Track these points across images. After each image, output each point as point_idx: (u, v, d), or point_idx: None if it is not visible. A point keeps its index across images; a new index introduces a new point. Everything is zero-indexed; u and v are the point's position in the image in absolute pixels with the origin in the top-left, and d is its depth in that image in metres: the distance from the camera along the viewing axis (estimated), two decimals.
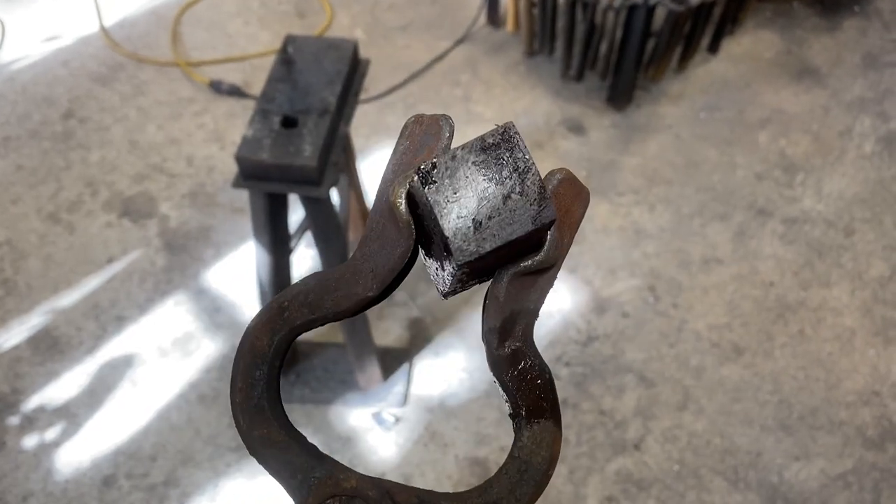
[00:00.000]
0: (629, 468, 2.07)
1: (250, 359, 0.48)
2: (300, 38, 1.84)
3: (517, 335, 0.47)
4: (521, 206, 0.42)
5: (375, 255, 0.46)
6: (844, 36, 3.26)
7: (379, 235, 0.46)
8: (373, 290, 0.46)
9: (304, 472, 0.47)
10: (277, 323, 0.48)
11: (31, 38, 3.31)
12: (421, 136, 0.46)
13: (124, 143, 2.88)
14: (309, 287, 0.48)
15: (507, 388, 0.47)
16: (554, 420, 0.48)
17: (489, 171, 0.42)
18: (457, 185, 0.42)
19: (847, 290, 2.43)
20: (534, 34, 3.07)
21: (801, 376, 2.24)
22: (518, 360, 0.47)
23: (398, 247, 0.44)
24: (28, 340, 2.34)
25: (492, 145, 0.42)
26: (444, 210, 0.42)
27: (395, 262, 0.45)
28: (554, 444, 0.48)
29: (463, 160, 0.42)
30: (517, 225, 0.42)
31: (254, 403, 0.48)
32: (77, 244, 2.57)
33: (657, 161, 2.78)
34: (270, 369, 0.48)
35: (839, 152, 2.81)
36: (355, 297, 0.47)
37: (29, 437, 2.15)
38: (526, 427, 0.48)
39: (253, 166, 1.60)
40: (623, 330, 2.34)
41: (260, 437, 0.48)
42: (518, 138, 0.42)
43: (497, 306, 0.45)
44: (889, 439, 2.12)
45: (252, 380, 0.48)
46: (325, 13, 3.39)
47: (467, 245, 0.42)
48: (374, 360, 2.12)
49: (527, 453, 0.48)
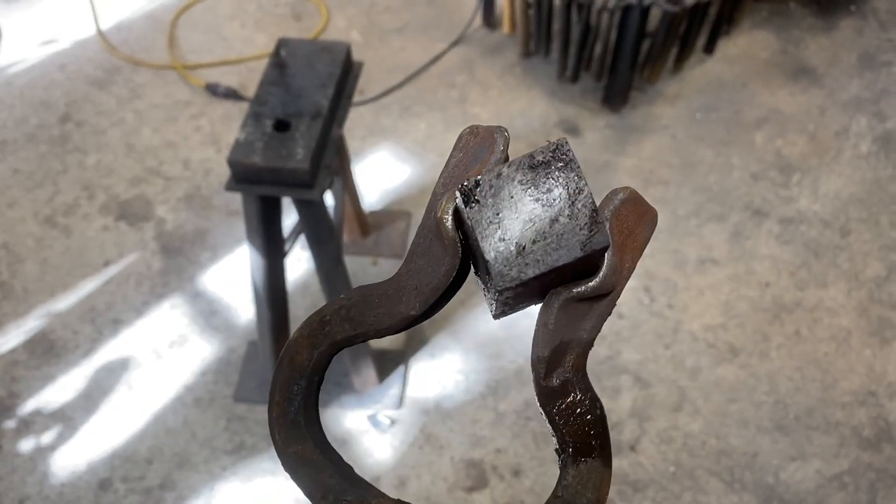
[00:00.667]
0: (625, 469, 2.07)
1: (289, 373, 0.47)
2: (293, 41, 1.84)
3: (567, 366, 0.44)
4: (569, 230, 0.40)
5: (421, 271, 0.44)
6: (841, 35, 3.26)
7: (425, 252, 0.44)
8: (415, 308, 0.45)
9: (336, 493, 0.46)
10: (318, 337, 0.47)
11: (28, 41, 3.32)
12: (475, 148, 0.44)
13: (121, 147, 2.88)
14: (352, 301, 0.47)
15: (554, 422, 0.45)
16: (603, 459, 0.45)
17: (536, 192, 0.40)
18: (500, 205, 0.40)
19: (843, 291, 2.43)
20: (530, 36, 3.07)
21: (797, 377, 2.24)
22: (567, 393, 0.45)
23: (443, 265, 0.43)
24: (24, 344, 2.34)
25: (541, 163, 0.40)
26: (486, 232, 0.40)
27: (440, 280, 0.43)
28: (602, 485, 0.45)
29: (508, 178, 0.40)
30: (564, 251, 0.40)
31: (290, 419, 0.47)
32: (73, 247, 2.57)
33: (653, 162, 2.78)
34: (309, 384, 0.47)
35: (835, 152, 2.81)
36: (398, 314, 0.45)
37: (25, 440, 2.15)
38: (572, 465, 0.45)
39: (245, 170, 1.61)
40: (619, 331, 2.34)
41: (294, 454, 0.47)
42: (571, 156, 0.40)
43: (546, 334, 0.43)
44: (885, 439, 2.12)
45: (290, 394, 0.47)
46: (321, 16, 3.39)
47: (508, 270, 0.40)
48: (369, 362, 2.12)
49: (571, 494, 0.45)
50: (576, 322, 0.44)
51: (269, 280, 1.91)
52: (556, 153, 0.40)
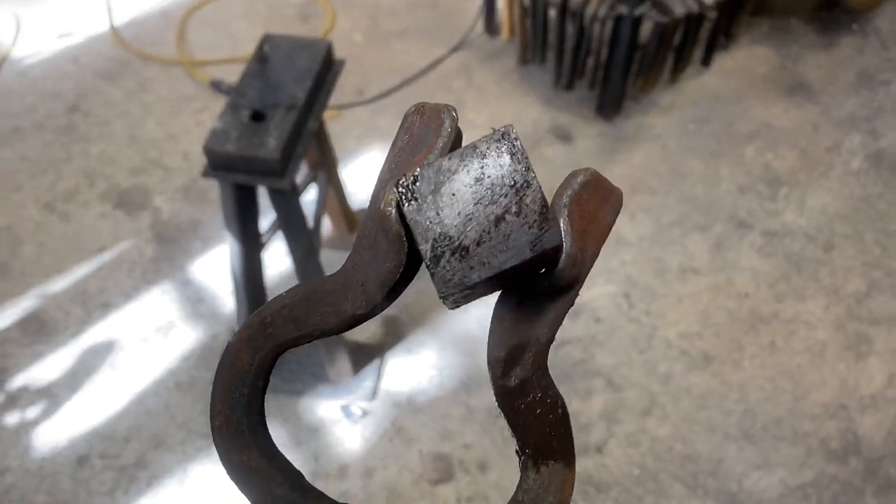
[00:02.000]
0: (589, 470, 2.10)
1: (229, 379, 0.44)
2: (277, 37, 1.90)
3: (526, 364, 0.41)
4: (516, 228, 0.36)
5: (367, 266, 0.41)
6: (841, 53, 3.26)
7: (371, 245, 0.40)
8: (362, 307, 0.41)
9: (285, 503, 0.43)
10: (259, 340, 0.44)
11: (44, 34, 3.43)
12: (420, 129, 0.40)
13: (124, 138, 2.97)
14: (294, 301, 0.43)
15: (514, 422, 0.42)
16: (565, 461, 0.42)
17: (480, 187, 0.36)
18: (440, 202, 0.37)
19: (822, 305, 2.43)
20: (527, 43, 3.12)
21: (768, 387, 2.25)
22: (526, 393, 0.41)
23: (388, 261, 0.39)
24: (18, 322, 2.42)
25: (485, 154, 0.36)
26: (427, 233, 0.37)
27: (385, 277, 0.39)
28: (563, 488, 0.42)
29: (449, 173, 0.37)
30: (512, 252, 0.36)
31: (234, 427, 0.44)
32: (71, 232, 2.66)
33: (641, 170, 2.81)
34: (252, 390, 0.44)
35: (825, 168, 2.82)
36: (344, 313, 0.42)
37: (11, 414, 2.23)
38: (533, 468, 0.42)
39: (220, 157, 1.67)
40: (595, 335, 2.37)
41: (240, 464, 0.44)
42: (518, 145, 0.37)
43: (502, 331, 0.41)
44: (852, 453, 2.12)
45: (232, 401, 0.44)
46: (327, 17, 3.47)
47: (451, 276, 0.37)
48: (343, 353, 2.17)
49: (531, 498, 0.42)
50: (534, 317, 0.40)
51: (245, 267, 1.97)
52: (501, 142, 0.36)
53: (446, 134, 0.39)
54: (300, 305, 0.43)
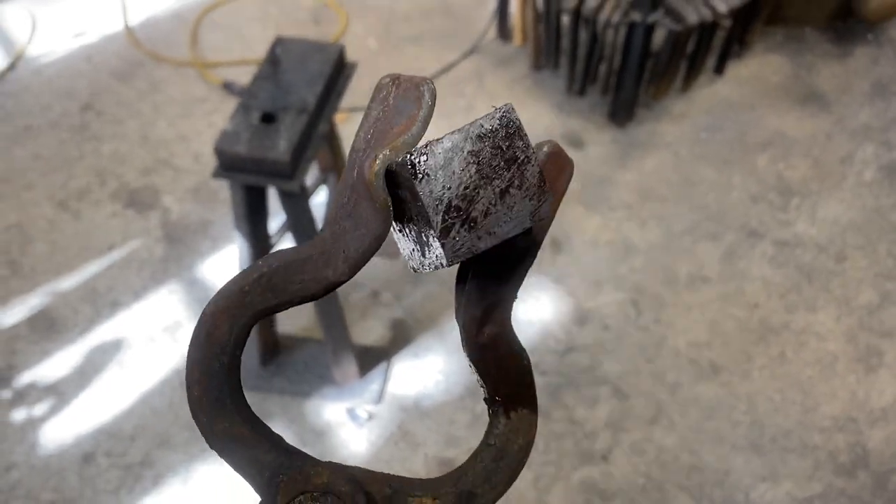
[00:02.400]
0: (595, 478, 2.08)
1: (208, 348, 0.44)
2: (289, 39, 1.91)
3: (496, 320, 0.44)
4: (519, 200, 0.39)
5: (347, 234, 0.42)
6: (855, 63, 3.24)
7: (350, 213, 0.41)
8: (345, 274, 0.42)
9: (272, 468, 0.44)
10: (238, 308, 0.44)
11: (60, 33, 3.45)
12: (398, 101, 0.41)
13: (136, 137, 2.98)
14: (272, 269, 0.44)
15: (485, 373, 0.45)
16: (531, 407, 0.46)
17: (486, 162, 0.38)
18: (450, 177, 0.38)
19: (833, 316, 2.41)
20: (540, 49, 3.12)
21: (777, 398, 2.23)
22: (497, 346, 0.45)
23: (373, 229, 0.40)
24: (27, 319, 2.43)
25: (489, 132, 0.39)
26: (438, 206, 0.38)
27: (370, 245, 0.41)
28: (530, 430, 0.46)
29: (457, 149, 0.38)
30: (515, 222, 0.39)
31: (214, 396, 0.44)
32: (82, 231, 2.67)
33: (653, 178, 2.79)
34: (231, 359, 0.45)
35: (838, 178, 2.80)
36: (324, 280, 0.43)
37: (18, 411, 2.23)
38: (502, 414, 0.46)
39: (230, 158, 1.67)
40: (602, 342, 2.36)
41: (222, 432, 0.45)
42: (518, 123, 0.39)
43: (474, 292, 0.43)
44: (861, 466, 2.10)
45: (211, 371, 0.44)
46: (340, 22, 3.48)
47: (461, 244, 0.39)
48: (350, 356, 2.17)
49: (503, 441, 0.46)
50: (501, 279, 0.43)
51: None
52: (503, 120, 0.39)
53: (427, 106, 0.40)
54: (278, 274, 0.43)
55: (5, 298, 2.48)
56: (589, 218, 2.66)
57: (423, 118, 0.40)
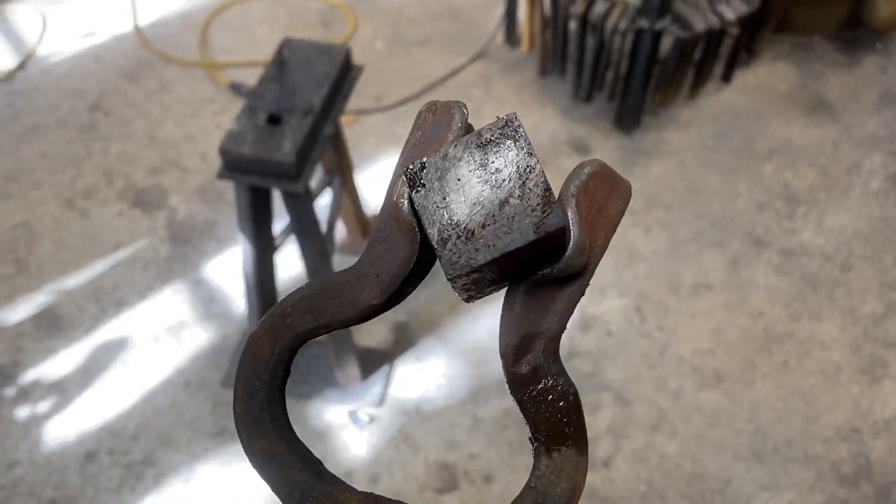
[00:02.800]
0: (595, 484, 2.08)
1: (251, 368, 0.46)
2: (296, 41, 1.92)
3: (537, 351, 0.42)
4: (520, 212, 0.37)
5: (381, 258, 0.42)
6: (863, 73, 3.23)
7: (385, 238, 0.42)
8: (377, 297, 0.42)
9: (303, 490, 0.45)
10: (280, 330, 0.45)
11: (69, 33, 3.48)
12: (433, 125, 0.42)
13: (144, 137, 3.00)
14: (313, 292, 0.45)
15: (526, 409, 0.43)
16: (577, 448, 0.43)
17: (485, 172, 0.38)
18: (447, 188, 0.38)
19: (838, 326, 2.40)
20: (547, 54, 3.12)
21: (780, 407, 2.22)
22: (538, 380, 0.42)
23: (401, 251, 0.41)
24: (33, 317, 2.45)
25: (489, 141, 0.38)
26: (434, 217, 0.38)
27: (399, 267, 0.41)
28: (577, 474, 0.43)
29: (455, 159, 0.38)
30: (516, 234, 0.37)
31: (255, 414, 0.45)
32: (88, 230, 2.68)
33: (658, 185, 2.79)
34: (272, 378, 0.45)
35: (845, 187, 2.79)
36: (360, 304, 0.43)
37: (22, 408, 2.24)
38: (545, 454, 0.43)
39: (235, 159, 1.68)
40: (605, 348, 2.35)
41: (259, 449, 0.45)
42: (521, 132, 0.38)
43: (513, 319, 0.42)
44: (864, 477, 2.09)
45: (253, 389, 0.45)
46: (348, 24, 3.49)
47: (457, 258, 0.38)
48: (352, 358, 2.17)
49: (545, 484, 0.43)
50: (545, 305, 0.41)
51: (258, 269, 1.97)
52: (504, 130, 0.38)
53: (456, 128, 0.40)
54: (318, 296, 0.44)
55: (11, 296, 2.50)
56: None
57: (452, 140, 0.40)
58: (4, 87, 3.22)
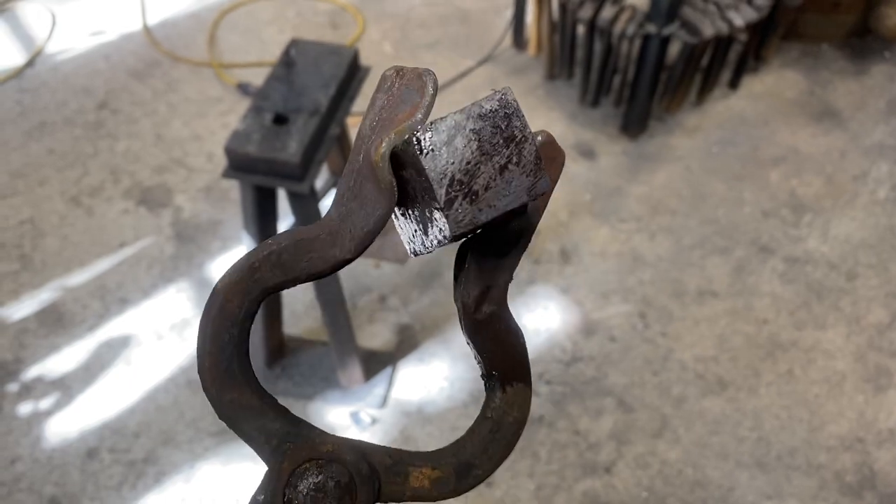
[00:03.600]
0: (597, 490, 2.07)
1: (220, 321, 0.46)
2: (304, 42, 1.92)
3: (494, 299, 0.47)
4: (517, 176, 0.41)
5: (353, 214, 0.44)
6: (871, 81, 3.23)
7: (356, 195, 0.44)
8: (350, 251, 0.44)
9: (279, 436, 0.46)
10: (248, 284, 0.46)
11: (79, 31, 3.49)
12: (402, 90, 0.44)
13: (150, 136, 3.00)
14: (282, 247, 0.46)
15: (482, 350, 0.47)
16: (525, 382, 0.48)
17: (486, 140, 0.41)
18: (453, 153, 0.41)
19: (842, 334, 2.39)
20: (555, 59, 3.12)
21: (783, 415, 2.21)
22: (494, 323, 0.47)
23: (378, 208, 0.42)
24: (36, 313, 2.45)
25: (489, 112, 0.41)
26: (443, 179, 0.41)
27: (374, 224, 0.43)
28: (525, 404, 0.48)
29: (459, 127, 0.41)
30: (513, 196, 0.41)
31: (224, 367, 0.46)
32: (93, 227, 2.69)
33: (664, 191, 2.79)
34: (241, 332, 0.46)
35: (851, 196, 2.78)
36: (332, 258, 0.45)
37: (24, 404, 2.25)
38: (499, 389, 0.48)
39: (241, 158, 1.68)
40: (608, 353, 2.35)
41: (231, 402, 0.46)
42: (516, 105, 0.41)
43: (478, 272, 0.46)
44: (867, 487, 2.08)
45: (222, 343, 0.46)
46: (357, 27, 3.49)
47: (463, 216, 0.41)
48: (355, 359, 2.17)
49: (499, 414, 0.48)
50: (498, 260, 0.46)
51: None
52: (501, 101, 0.41)
53: (429, 94, 0.43)
54: (287, 251, 0.46)
55: (16, 292, 2.50)
56: (598, 229, 2.65)
57: (426, 105, 0.42)
58: (13, 84, 3.24)
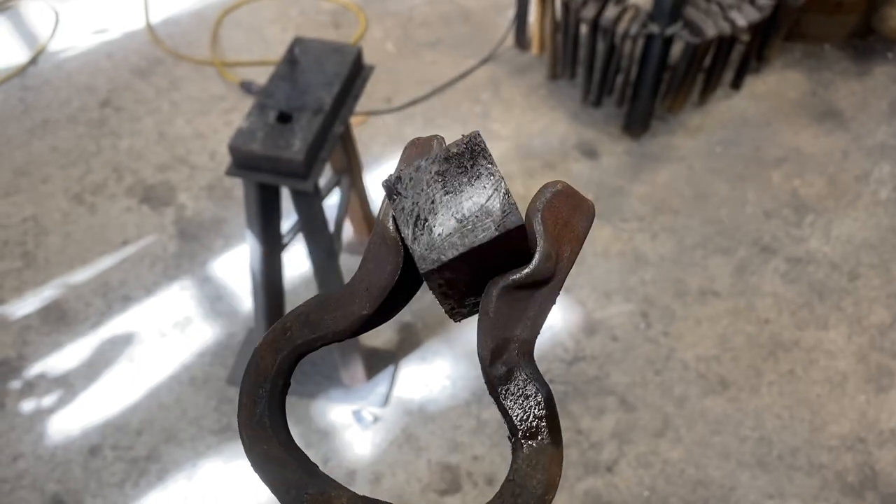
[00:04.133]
0: (598, 489, 2.07)
1: (254, 377, 0.49)
2: (308, 40, 1.92)
3: (512, 353, 0.45)
4: (484, 213, 0.42)
5: (371, 273, 0.47)
6: (874, 82, 3.23)
7: (375, 255, 0.46)
8: (366, 308, 0.46)
9: (298, 488, 0.48)
10: (281, 342, 0.49)
11: (82, 29, 3.49)
12: (416, 157, 0.46)
13: (153, 134, 3.01)
14: (310, 307, 0.49)
15: (503, 407, 0.46)
16: (552, 440, 0.45)
17: (452, 180, 0.42)
18: (419, 195, 0.43)
19: (844, 335, 2.39)
20: (557, 58, 3.12)
21: (785, 415, 2.21)
22: (512, 378, 0.45)
23: (388, 264, 0.45)
24: (39, 311, 2.46)
25: (455, 154, 0.43)
26: (408, 220, 0.43)
27: (386, 279, 0.45)
28: (551, 465, 0.45)
29: (426, 170, 0.43)
30: (479, 231, 0.42)
31: (256, 420, 0.49)
32: (96, 225, 2.69)
33: (666, 191, 2.79)
34: (273, 387, 0.49)
35: (853, 196, 2.78)
36: (352, 315, 0.47)
37: (27, 401, 2.25)
38: (521, 449, 0.45)
39: (244, 156, 1.68)
40: (611, 353, 2.35)
41: (260, 453, 0.49)
42: (482, 146, 0.43)
43: (487, 322, 0.45)
44: (869, 487, 2.08)
45: (255, 397, 0.49)
46: (359, 25, 3.50)
47: (429, 254, 0.42)
48: (357, 358, 2.17)
49: (522, 476, 0.45)
50: (518, 311, 0.44)
51: (265, 268, 1.98)
52: (469, 144, 0.43)
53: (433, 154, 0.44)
54: (315, 311, 0.49)
55: (18, 290, 2.51)
56: (600, 229, 2.65)
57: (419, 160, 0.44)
58: (16, 82, 3.24)
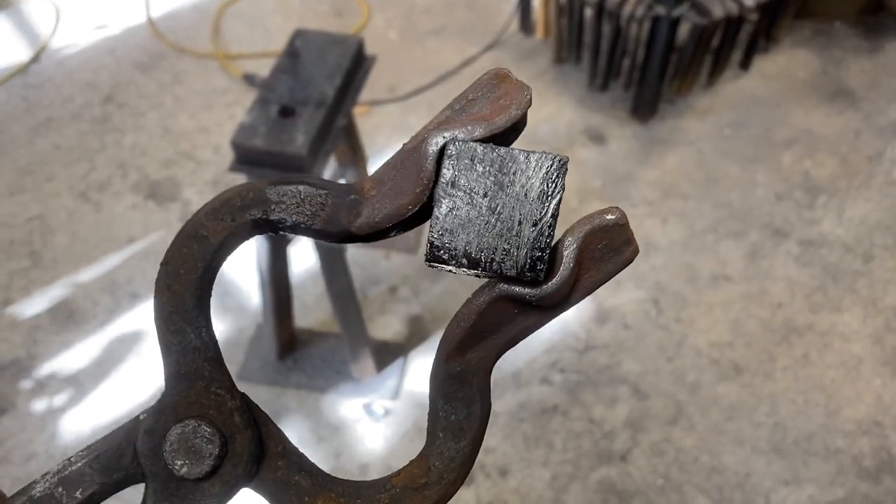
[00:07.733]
0: (613, 478, 2.06)
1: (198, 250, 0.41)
2: (309, 32, 1.90)
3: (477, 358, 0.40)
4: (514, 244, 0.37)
5: (384, 196, 0.40)
6: (885, 59, 3.17)
7: (394, 177, 0.40)
8: (361, 229, 0.40)
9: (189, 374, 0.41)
10: (254, 210, 0.41)
11: (83, 25, 3.47)
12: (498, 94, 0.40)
13: (157, 129, 2.99)
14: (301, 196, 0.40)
15: (439, 398, 0.42)
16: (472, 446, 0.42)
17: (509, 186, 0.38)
18: (472, 180, 0.38)
19: (859, 317, 2.36)
20: (562, 42, 3.08)
21: (800, 400, 2.19)
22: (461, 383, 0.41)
23: (406, 196, 0.39)
24: (48, 310, 2.45)
25: (532, 165, 0.38)
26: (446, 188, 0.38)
27: (398, 210, 0.39)
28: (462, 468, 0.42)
29: (493, 161, 0.38)
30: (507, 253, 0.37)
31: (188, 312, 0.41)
32: (102, 222, 2.68)
33: (675, 175, 2.75)
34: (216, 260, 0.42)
35: (866, 177, 2.74)
36: (340, 226, 0.40)
37: (38, 401, 2.25)
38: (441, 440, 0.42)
39: (247, 152, 1.67)
40: (622, 341, 2.33)
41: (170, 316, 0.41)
42: (562, 176, 0.38)
43: (469, 313, 0.40)
44: (886, 471, 2.05)
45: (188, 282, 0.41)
46: (361, 14, 3.46)
47: (441, 241, 0.38)
48: (367, 351, 2.16)
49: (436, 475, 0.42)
50: (504, 320, 0.40)
51: (272, 263, 1.96)
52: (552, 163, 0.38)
53: (512, 116, 0.39)
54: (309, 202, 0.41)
55: (27, 289, 2.50)
56: None
57: (505, 122, 0.38)
58: (18, 79, 3.23)
